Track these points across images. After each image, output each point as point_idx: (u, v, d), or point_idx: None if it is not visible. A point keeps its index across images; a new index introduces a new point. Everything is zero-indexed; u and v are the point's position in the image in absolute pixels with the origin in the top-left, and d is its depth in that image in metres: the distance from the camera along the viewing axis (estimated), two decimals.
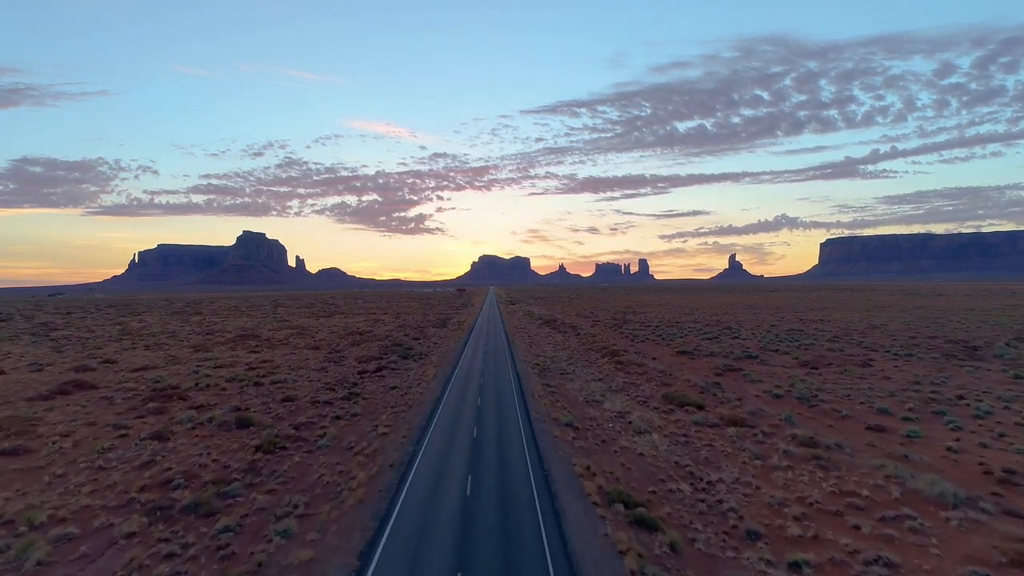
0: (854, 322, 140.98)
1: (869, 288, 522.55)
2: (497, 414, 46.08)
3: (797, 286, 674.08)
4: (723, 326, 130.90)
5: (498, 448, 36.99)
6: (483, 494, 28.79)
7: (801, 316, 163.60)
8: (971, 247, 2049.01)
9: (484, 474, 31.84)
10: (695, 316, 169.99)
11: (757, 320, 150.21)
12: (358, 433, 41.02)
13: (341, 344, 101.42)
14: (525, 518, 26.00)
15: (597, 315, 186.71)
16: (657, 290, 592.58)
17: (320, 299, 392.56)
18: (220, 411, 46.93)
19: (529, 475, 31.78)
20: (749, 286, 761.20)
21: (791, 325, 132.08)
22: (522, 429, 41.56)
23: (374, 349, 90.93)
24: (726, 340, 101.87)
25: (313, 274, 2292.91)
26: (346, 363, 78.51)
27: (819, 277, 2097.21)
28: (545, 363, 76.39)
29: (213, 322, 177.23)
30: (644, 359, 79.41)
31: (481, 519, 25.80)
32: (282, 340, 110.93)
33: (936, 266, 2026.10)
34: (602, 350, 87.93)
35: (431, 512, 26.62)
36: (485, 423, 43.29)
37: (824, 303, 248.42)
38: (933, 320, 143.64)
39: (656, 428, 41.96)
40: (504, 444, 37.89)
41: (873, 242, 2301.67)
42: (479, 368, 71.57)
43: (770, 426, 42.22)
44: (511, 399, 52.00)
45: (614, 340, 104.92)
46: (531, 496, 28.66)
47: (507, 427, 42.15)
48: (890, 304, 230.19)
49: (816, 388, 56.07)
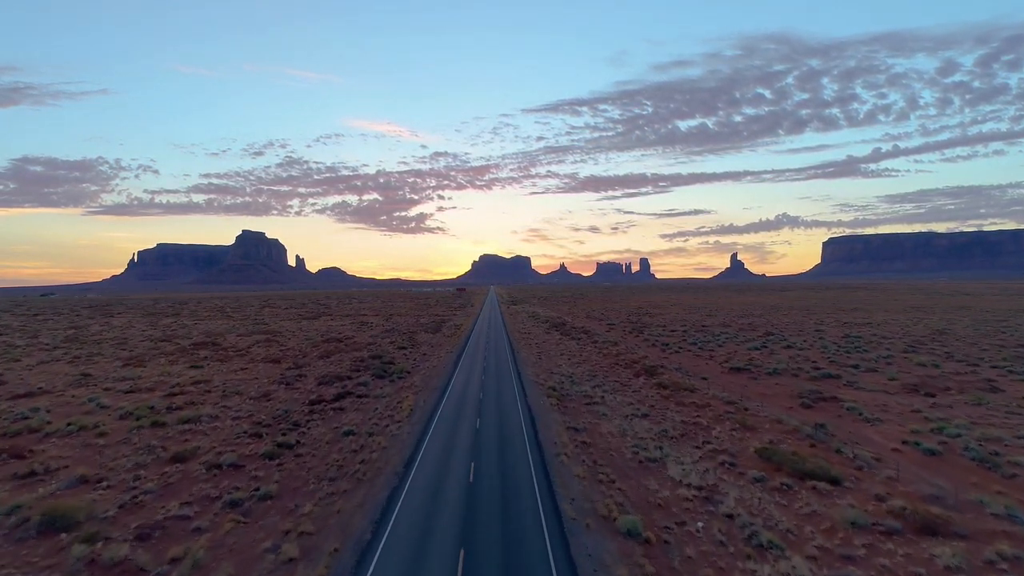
0: (909, 326, 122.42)
1: (880, 287, 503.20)
2: (502, 503, 26.96)
3: (807, 285, 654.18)
4: (761, 331, 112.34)
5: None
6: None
7: (842, 319, 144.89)
8: (975, 246, 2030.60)
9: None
10: (720, 318, 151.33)
11: (795, 323, 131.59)
12: (242, 553, 22.49)
13: (309, 355, 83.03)
14: None
15: (609, 316, 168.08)
16: (663, 289, 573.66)
17: (314, 299, 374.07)
18: (41, 490, 28.52)
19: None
20: (757, 285, 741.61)
21: (840, 330, 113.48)
22: (550, 549, 22.55)
23: (346, 363, 72.52)
24: (778, 350, 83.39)
25: (313, 274, 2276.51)
26: (302, 385, 60.10)
27: (822, 276, 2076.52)
28: (562, 385, 57.90)
29: (182, 325, 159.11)
30: (692, 379, 60.90)
31: None
32: (242, 350, 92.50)
33: (939, 265, 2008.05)
34: (632, 365, 69.42)
35: None
36: (480, 530, 23.97)
37: (849, 303, 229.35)
38: (997, 323, 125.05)
39: (785, 537, 23.54)
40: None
41: (876, 241, 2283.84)
42: (475, 396, 53.03)
43: (987, 533, 23.76)
44: (524, 463, 33.03)
45: (640, 350, 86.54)
46: None
47: (520, 541, 23.17)
48: (926, 305, 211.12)
49: (981, 436, 37.50)
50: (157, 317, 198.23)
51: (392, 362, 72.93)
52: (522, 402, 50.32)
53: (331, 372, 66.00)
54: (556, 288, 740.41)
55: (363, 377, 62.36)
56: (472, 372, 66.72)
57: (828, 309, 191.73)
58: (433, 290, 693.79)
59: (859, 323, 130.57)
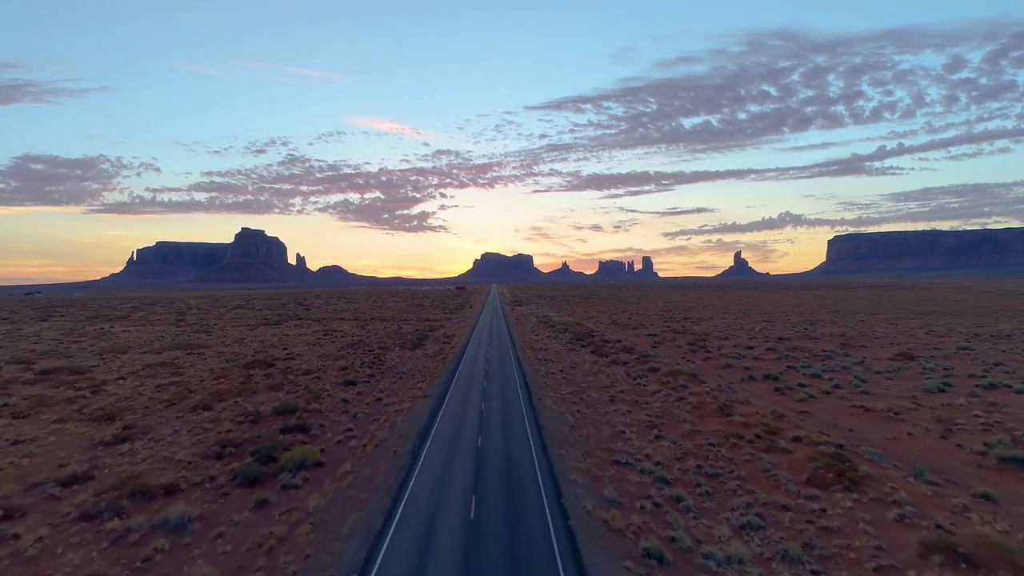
0: (1017, 337, 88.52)
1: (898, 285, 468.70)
2: None
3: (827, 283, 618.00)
4: (889, 347, 78.41)
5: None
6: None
7: (925, 327, 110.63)
8: (982, 244, 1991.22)
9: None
10: (783, 325, 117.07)
11: (904, 332, 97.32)
12: None
13: (169, 411, 49.35)
14: None
15: (639, 321, 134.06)
16: (672, 288, 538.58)
17: (300, 298, 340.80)
18: None
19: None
20: (772, 283, 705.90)
21: (959, 341, 79.43)
22: None
23: (211, 437, 38.62)
24: (935, 376, 49.60)
25: (314, 272, 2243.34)
26: (63, 509, 26.32)
27: (828, 274, 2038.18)
28: (667, 526, 24.13)
29: (115, 333, 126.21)
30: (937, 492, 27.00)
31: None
32: (98, 384, 58.67)
33: (946, 263, 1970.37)
34: (766, 439, 35.43)
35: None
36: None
37: (906, 304, 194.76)
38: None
39: None
40: None
41: (882, 239, 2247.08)
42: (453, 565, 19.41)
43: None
44: None
45: (733, 387, 52.72)
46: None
47: None
48: (985, 306, 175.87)
49: None
50: (97, 321, 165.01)
51: (305, 429, 38.87)
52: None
53: (145, 473, 32.12)
54: (560, 287, 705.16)
55: (198, 494, 28.44)
56: (454, 455, 32.89)
57: (898, 312, 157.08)
58: (432, 288, 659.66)
59: (964, 332, 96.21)
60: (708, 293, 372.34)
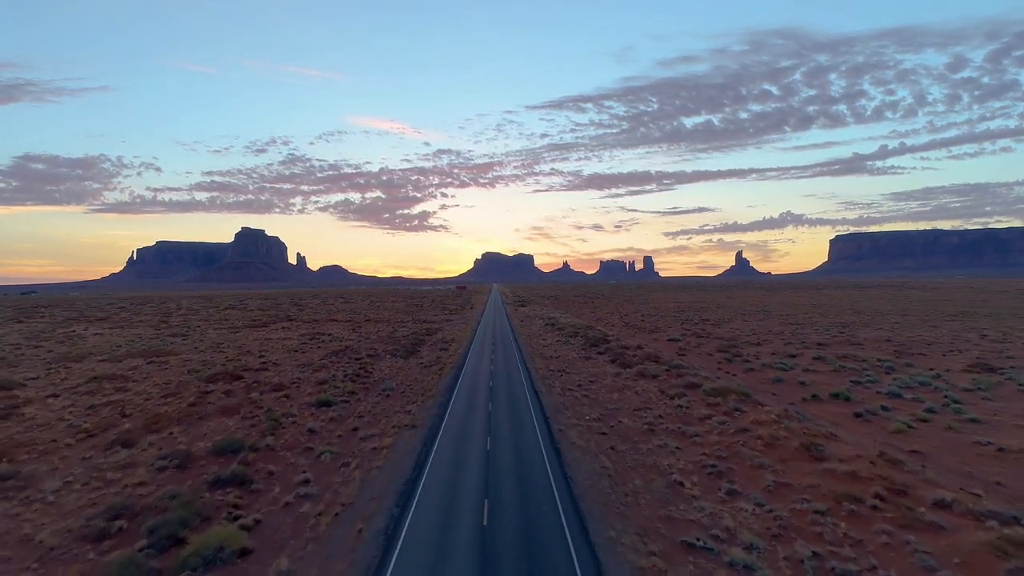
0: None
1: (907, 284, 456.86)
2: None
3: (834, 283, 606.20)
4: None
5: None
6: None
7: (969, 330, 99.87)
8: (985, 243, 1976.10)
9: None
10: (818, 330, 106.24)
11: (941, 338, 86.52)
12: None
13: (78, 447, 38.82)
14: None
15: (655, 324, 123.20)
16: (675, 288, 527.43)
17: (295, 299, 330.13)
18: None
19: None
20: (778, 283, 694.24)
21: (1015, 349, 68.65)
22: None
23: (109, 496, 28.18)
24: None
25: (314, 272, 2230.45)
26: None
27: (830, 274, 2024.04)
28: None
29: (84, 337, 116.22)
30: None
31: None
32: (13, 406, 48.13)
33: (948, 263, 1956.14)
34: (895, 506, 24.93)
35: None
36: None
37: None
38: None
39: None
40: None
41: (884, 239, 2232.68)
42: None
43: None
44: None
45: (803, 411, 42.25)
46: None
47: None
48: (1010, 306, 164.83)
49: None
50: (75, 323, 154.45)
51: (244, 481, 28.22)
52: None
53: None
54: (562, 287, 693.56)
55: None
56: (448, 540, 22.22)
57: (930, 313, 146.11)
58: (432, 289, 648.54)
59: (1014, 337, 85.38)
60: (714, 293, 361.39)
